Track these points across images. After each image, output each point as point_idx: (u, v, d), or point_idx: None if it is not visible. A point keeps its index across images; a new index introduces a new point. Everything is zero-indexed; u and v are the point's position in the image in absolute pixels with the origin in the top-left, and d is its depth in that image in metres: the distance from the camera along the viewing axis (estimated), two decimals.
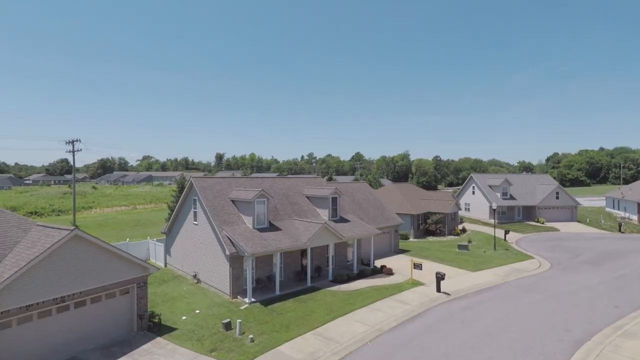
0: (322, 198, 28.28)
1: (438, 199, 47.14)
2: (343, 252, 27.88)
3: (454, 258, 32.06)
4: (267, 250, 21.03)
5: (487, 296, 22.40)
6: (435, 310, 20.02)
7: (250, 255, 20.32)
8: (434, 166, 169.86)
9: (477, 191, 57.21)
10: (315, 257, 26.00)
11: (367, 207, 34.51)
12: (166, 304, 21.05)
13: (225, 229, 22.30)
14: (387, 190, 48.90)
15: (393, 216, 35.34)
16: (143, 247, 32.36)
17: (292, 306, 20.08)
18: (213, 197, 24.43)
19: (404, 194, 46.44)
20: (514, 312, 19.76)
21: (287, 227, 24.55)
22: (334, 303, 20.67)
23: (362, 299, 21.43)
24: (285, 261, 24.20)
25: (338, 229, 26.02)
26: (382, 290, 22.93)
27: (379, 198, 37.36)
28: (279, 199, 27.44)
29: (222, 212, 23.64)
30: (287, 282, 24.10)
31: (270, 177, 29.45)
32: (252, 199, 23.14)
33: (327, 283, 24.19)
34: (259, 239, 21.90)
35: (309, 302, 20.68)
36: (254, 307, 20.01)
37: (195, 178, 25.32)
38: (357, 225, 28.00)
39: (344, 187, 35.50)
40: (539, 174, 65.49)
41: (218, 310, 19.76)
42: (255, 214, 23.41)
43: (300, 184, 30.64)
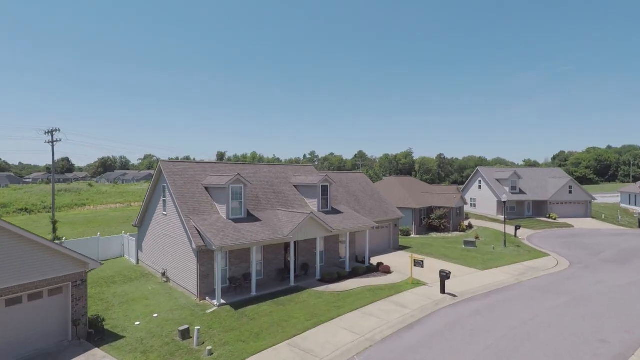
0: (311, 187, 25.06)
1: (442, 192, 43.76)
2: (334, 248, 24.65)
3: (460, 255, 28.73)
4: (240, 244, 17.84)
5: (499, 298, 19.08)
6: (439, 316, 16.74)
7: (218, 248, 17.14)
8: (437, 164, 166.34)
9: (483, 185, 53.73)
10: (302, 253, 22.80)
11: (363, 199, 31.26)
12: (123, 306, 17.94)
13: (193, 219, 19.15)
14: (387, 184, 45.58)
15: (393, 209, 32.07)
16: (116, 242, 29.32)
17: (269, 309, 16.90)
18: (183, 183, 21.29)
19: (405, 187, 43.12)
20: (534, 318, 16.43)
21: (268, 218, 21.36)
22: (319, 306, 17.45)
23: (352, 301, 18.20)
24: (266, 257, 21.01)
25: (328, 221, 22.79)
26: (377, 291, 19.68)
27: (378, 190, 34.10)
28: (261, 187, 24.27)
29: (192, 200, 20.48)
30: (268, 281, 20.92)
31: (253, 164, 26.33)
32: (226, 184, 19.96)
33: (314, 282, 20.97)
34: (232, 231, 18.72)
35: (289, 305, 17.48)
36: (223, 310, 16.84)
37: (165, 162, 22.19)
38: (350, 218, 24.75)
39: (337, 177, 32.26)
40: (550, 168, 61.88)
41: (180, 314, 16.61)
42: (230, 203, 20.23)
43: (288, 172, 27.45)
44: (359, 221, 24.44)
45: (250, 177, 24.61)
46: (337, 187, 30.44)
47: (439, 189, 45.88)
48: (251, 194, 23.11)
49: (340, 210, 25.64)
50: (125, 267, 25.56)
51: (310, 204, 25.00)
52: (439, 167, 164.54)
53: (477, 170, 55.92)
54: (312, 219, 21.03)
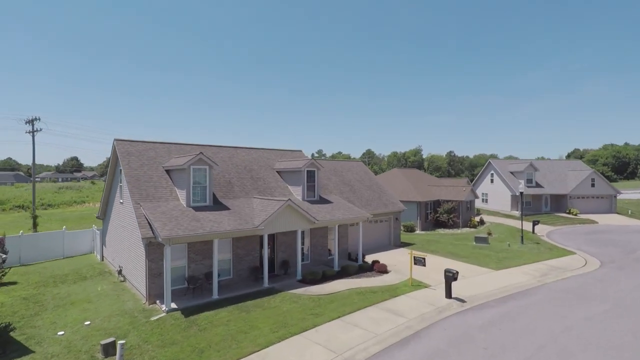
0: (295, 172, 21.60)
1: (451, 185, 39.89)
2: (322, 244, 21.15)
3: (471, 253, 24.95)
4: (195, 235, 14.46)
5: (520, 305, 15.36)
6: (443, 327, 13.12)
7: (165, 240, 13.80)
8: (447, 162, 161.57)
9: (496, 179, 49.57)
10: (282, 249, 19.35)
11: (360, 188, 27.66)
12: (56, 311, 14.75)
13: (144, 205, 15.85)
14: (389, 176, 41.88)
15: (393, 201, 28.40)
16: (85, 237, 26.29)
17: (227, 317, 13.48)
18: (139, 165, 18.02)
19: (410, 179, 39.38)
20: (567, 332, 12.71)
21: (239, 207, 17.97)
22: (292, 313, 13.98)
23: (335, 307, 14.69)
24: (236, 253, 17.62)
25: (312, 211, 19.31)
26: (368, 295, 16.12)
27: (377, 181, 30.46)
28: (236, 172, 20.89)
29: (148, 184, 17.20)
30: (239, 281, 17.53)
31: (231, 147, 22.99)
32: (184, 165, 16.63)
33: (294, 284, 17.51)
34: (189, 220, 15.36)
35: (255, 312, 14.04)
36: (171, 318, 13.48)
37: (120, 141, 18.96)
38: (340, 208, 21.21)
39: (331, 165, 28.74)
40: (570, 160, 57.27)
41: (117, 322, 13.31)
42: (191, 187, 16.88)
43: (272, 157, 24.05)
44: (350, 212, 20.88)
45: (225, 161, 21.29)
46: (329, 176, 26.96)
47: (447, 182, 42.00)
48: (222, 179, 19.76)
49: (330, 200, 22.13)
50: (87, 264, 22.48)
51: (294, 192, 21.56)
52: (449, 165, 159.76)
53: (489, 162, 51.74)
54: (290, 208, 17.55)
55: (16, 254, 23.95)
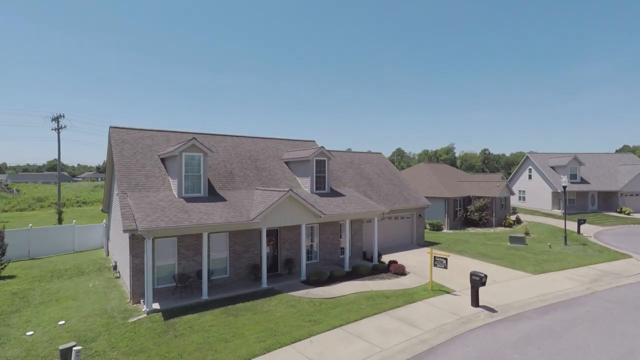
0: (303, 162, 19.69)
1: (483, 180, 36.56)
2: (334, 241, 19.11)
3: (505, 254, 22.01)
4: (178, 227, 12.86)
5: (563, 318, 12.61)
6: (467, 343, 10.73)
7: (144, 231, 12.30)
8: (481, 160, 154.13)
9: (535, 174, 45.34)
10: (286, 246, 17.52)
11: (379, 182, 25.34)
12: (37, 308, 13.69)
13: (131, 195, 14.51)
14: (415, 170, 39.09)
15: (417, 196, 25.84)
16: (96, 231, 25.73)
17: (212, 321, 11.77)
18: (133, 153, 16.78)
19: (437, 174, 36.44)
20: (629, 356, 9.96)
21: (238, 198, 16.30)
22: (287, 319, 12.06)
23: (338, 313, 12.62)
24: (234, 250, 15.95)
25: (320, 204, 17.33)
26: (378, 300, 13.92)
27: (399, 174, 27.97)
28: (239, 162, 19.28)
29: (140, 173, 15.88)
30: (237, 281, 15.87)
31: (236, 136, 21.43)
32: (176, 151, 15.14)
33: (297, 285, 15.60)
34: (176, 211, 13.82)
35: (245, 316, 12.24)
36: (150, 320, 11.95)
37: (116, 128, 17.84)
38: (353, 202, 19.06)
39: (347, 157, 26.60)
40: (620, 153, 51.64)
41: (92, 323, 11.95)
42: (183, 176, 15.37)
43: (281, 147, 22.28)
44: (363, 206, 18.68)
45: (227, 150, 19.75)
46: (345, 168, 24.87)
47: (479, 177, 38.67)
48: (223, 169, 18.20)
49: (342, 193, 20.03)
50: (91, 259, 21.71)
51: (302, 184, 19.66)
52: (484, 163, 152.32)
53: (527, 157, 47.47)
54: (292, 199, 15.64)
55: (25, 247, 23.66)
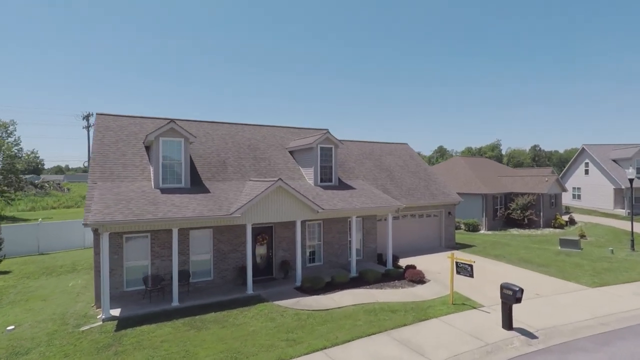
0: (306, 150, 17.32)
1: (528, 175, 32.08)
2: (341, 241, 16.56)
3: (552, 261, 18.23)
4: (138, 221, 10.96)
5: (635, 351, 9.16)
6: None
7: (94, 225, 10.53)
8: (531, 157, 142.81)
9: (593, 169, 39.60)
10: (282, 247, 15.25)
11: (401, 175, 22.34)
12: (4, 308, 12.60)
13: (101, 185, 12.89)
14: (450, 164, 35.31)
15: (446, 191, 22.52)
16: None
17: (168, 336, 9.72)
18: (115, 141, 15.29)
19: (474, 168, 32.51)
20: None
21: (225, 190, 14.24)
22: (259, 336, 9.73)
23: (325, 331, 10.09)
24: (219, 249, 13.92)
25: (322, 197, 14.88)
26: (382, 315, 11.20)
27: (426, 167, 24.70)
28: (236, 151, 17.28)
29: (118, 162, 14.31)
30: (221, 285, 13.82)
31: (236, 124, 19.48)
32: (152, 135, 13.36)
33: (289, 291, 13.24)
34: (144, 203, 11.97)
35: (210, 330, 10.07)
36: (101, 329, 10.15)
37: (102, 115, 16.50)
38: (362, 195, 16.37)
39: (366, 147, 23.82)
40: None
41: (42, 330, 10.37)
42: (160, 165, 13.55)
43: (286, 136, 20.05)
44: (373, 200, 15.92)
45: (224, 138, 17.84)
46: (361, 159, 22.15)
47: (523, 172, 34.17)
48: (215, 158, 16.28)
49: (352, 186, 17.39)
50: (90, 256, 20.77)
51: (306, 175, 17.28)
52: (534, 160, 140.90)
53: (583, 149, 41.65)
54: (282, 191, 13.28)
55: (34, 242, 23.36)
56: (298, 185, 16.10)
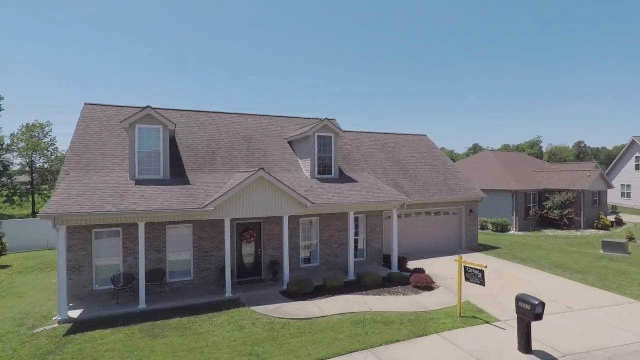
0: (304, 139, 15.80)
1: (567, 170, 28.76)
2: (340, 241, 14.92)
3: (592, 267, 15.58)
4: (94, 214, 9.88)
5: None
6: None
7: (46, 217, 9.58)
8: (575, 154, 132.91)
9: None
10: (272, 245, 13.85)
11: (416, 169, 20.27)
12: None
13: (74, 176, 12.04)
14: (478, 159, 32.49)
15: (467, 186, 20.19)
16: None
17: (117, 344, 8.53)
18: (99, 131, 14.50)
19: (505, 163, 29.59)
20: None
21: (208, 182, 13.01)
22: (218, 350, 8.33)
23: (298, 345, 8.52)
24: (200, 247, 12.71)
25: (317, 191, 13.31)
26: (371, 328, 9.46)
27: (447, 161, 22.39)
28: (228, 142, 16.06)
29: (97, 152, 13.46)
30: (202, 286, 12.61)
31: (233, 114, 18.26)
32: (126, 122, 12.34)
33: (273, 296, 11.77)
34: (111, 195, 10.93)
35: (166, 339, 8.79)
36: (52, 333, 9.18)
37: (90, 105, 15.81)
38: (364, 189, 14.59)
39: (378, 139, 21.92)
40: None
41: None
42: (137, 154, 12.51)
43: (288, 126, 18.62)
44: (375, 194, 14.10)
45: (218, 128, 16.70)
46: (372, 152, 20.34)
47: (561, 167, 30.77)
48: (204, 149, 15.13)
49: (355, 179, 15.66)
50: None
51: (304, 166, 15.75)
52: (578, 158, 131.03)
53: (633, 141, 37.19)
54: (263, 182, 11.82)
55: (43, 237, 23.49)
56: (292, 177, 14.61)
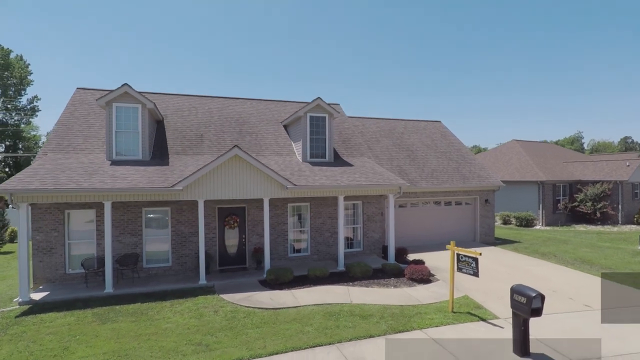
0: (296, 121, 14.83)
1: (603, 159, 26.02)
2: (332, 229, 13.82)
3: (625, 263, 13.57)
4: (56, 190, 9.37)
5: None
6: None
7: (3, 193, 9.14)
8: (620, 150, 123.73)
9: None
10: (257, 231, 12.98)
11: (425, 155, 18.76)
12: None
13: (50, 157, 11.70)
14: (502, 150, 30.17)
15: (482, 174, 18.45)
16: None
17: (62, 327, 7.94)
18: (86, 114, 14.20)
19: (531, 153, 27.24)
20: None
21: (187, 164, 12.32)
22: (165, 337, 7.53)
23: (256, 336, 7.57)
24: (178, 231, 12.06)
25: (305, 173, 12.32)
26: (345, 321, 8.34)
27: (462, 147, 20.64)
28: (219, 125, 15.36)
29: (79, 134, 13.11)
30: (180, 272, 11.98)
31: (229, 98, 17.55)
32: (102, 100, 11.86)
33: (251, 284, 10.91)
34: (80, 174, 10.44)
35: (116, 324, 8.10)
36: (8, 314, 8.76)
37: (82, 89, 15.60)
38: (357, 172, 13.41)
39: (386, 124, 20.56)
40: None
41: None
42: (114, 134, 12.00)
43: (286, 110, 17.69)
44: (368, 177, 12.88)
45: (211, 112, 16.06)
46: (378, 138, 19.06)
47: (596, 157, 27.95)
48: (192, 132, 14.50)
49: (351, 163, 14.49)
50: None
51: (297, 150, 14.78)
52: None
53: None
54: (238, 160, 10.95)
55: None
56: (281, 161, 13.67)
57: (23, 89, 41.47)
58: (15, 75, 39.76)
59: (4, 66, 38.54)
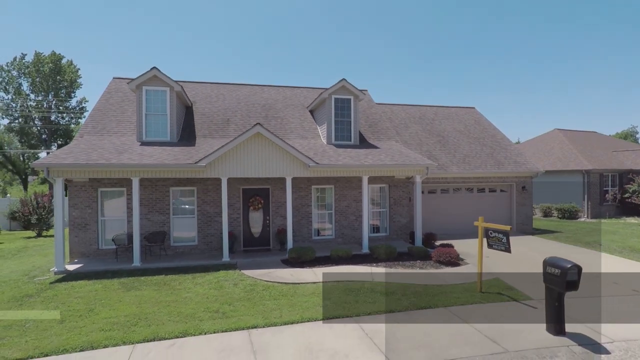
0: (321, 103, 14.67)
1: None
2: (357, 212, 13.54)
3: None
4: (87, 165, 9.79)
5: None
6: None
7: (38, 166, 9.71)
8: None
9: None
10: (281, 212, 12.99)
11: (457, 141, 17.98)
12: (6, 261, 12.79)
13: (86, 138, 12.30)
14: (542, 140, 28.39)
15: (518, 160, 17.41)
16: None
17: (90, 293, 8.29)
18: (120, 101, 14.80)
19: (575, 142, 25.42)
20: None
21: (214, 145, 12.51)
22: (185, 305, 7.65)
23: (271, 308, 7.50)
24: (204, 211, 12.29)
25: (329, 153, 12.16)
26: (364, 296, 8.09)
27: (497, 133, 19.59)
28: (245, 111, 15.52)
29: (113, 118, 13.69)
30: (205, 251, 12.23)
31: (255, 85, 17.65)
32: (132, 84, 12.30)
33: (272, 262, 10.90)
34: (111, 152, 10.89)
35: (139, 292, 8.35)
36: (45, 281, 9.29)
37: (118, 79, 16.31)
38: (382, 153, 13.03)
39: (416, 111, 19.92)
40: None
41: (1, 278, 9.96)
42: (144, 117, 12.41)
43: (312, 95, 17.60)
44: (393, 158, 12.47)
45: (238, 99, 16.28)
46: (407, 124, 18.54)
47: None
48: (218, 117, 14.76)
49: (377, 146, 14.13)
50: None
51: (322, 133, 14.63)
52: None
53: None
54: (260, 137, 10.95)
55: None
56: (305, 143, 13.58)
57: (73, 92, 44.38)
58: (66, 79, 42.61)
59: (56, 71, 41.46)
